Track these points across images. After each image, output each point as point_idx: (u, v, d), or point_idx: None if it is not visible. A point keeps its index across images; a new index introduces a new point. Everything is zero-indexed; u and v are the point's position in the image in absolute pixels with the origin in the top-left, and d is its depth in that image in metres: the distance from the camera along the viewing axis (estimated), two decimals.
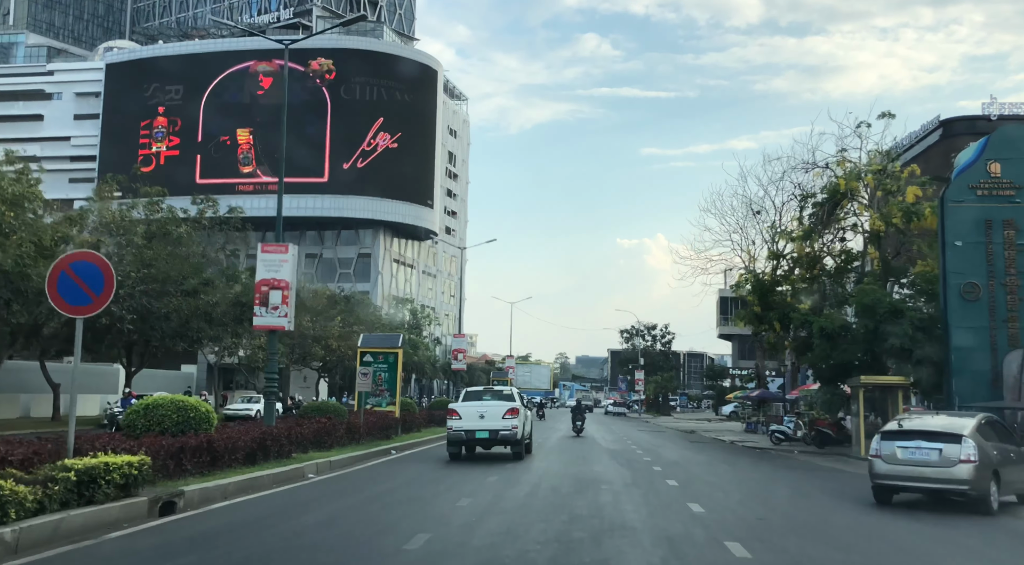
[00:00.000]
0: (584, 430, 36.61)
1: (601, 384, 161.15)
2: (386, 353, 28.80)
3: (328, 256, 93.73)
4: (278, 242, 21.14)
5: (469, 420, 20.28)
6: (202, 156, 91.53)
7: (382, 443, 24.36)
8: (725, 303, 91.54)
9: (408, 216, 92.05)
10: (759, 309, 30.63)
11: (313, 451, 20.07)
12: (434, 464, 20.63)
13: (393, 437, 26.62)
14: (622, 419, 67.14)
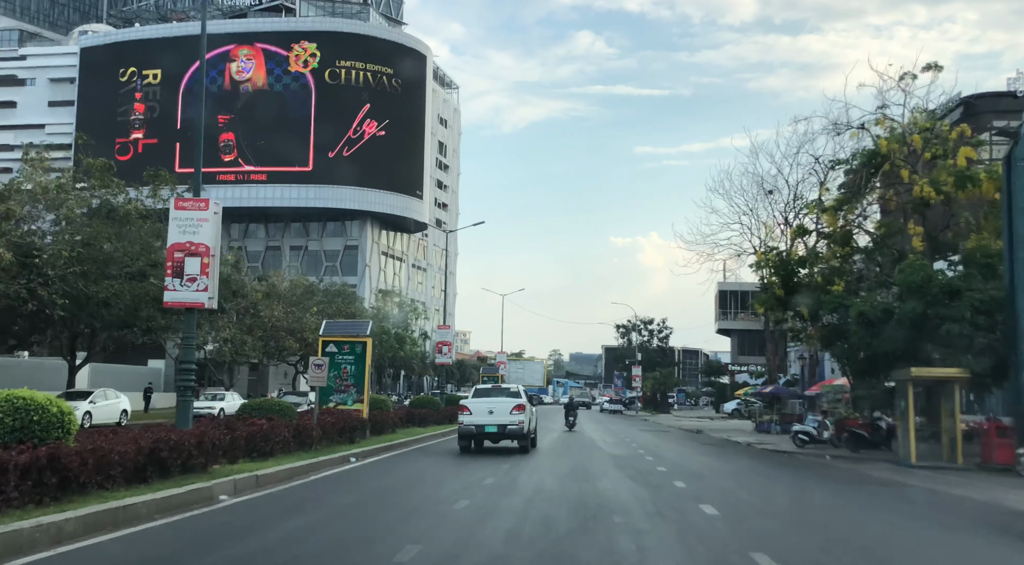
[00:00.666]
0: (577, 426, 37.19)
1: (595, 381, 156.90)
2: (352, 342, 24.45)
3: (313, 248, 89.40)
4: (196, 196, 16.70)
5: (479, 416, 21.38)
6: (181, 144, 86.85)
7: (342, 448, 20.07)
8: (724, 297, 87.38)
9: (396, 207, 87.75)
10: (781, 292, 26.33)
11: (246, 462, 15.80)
12: (396, 476, 16.41)
13: (358, 441, 22.32)
14: (619, 417, 62.91)
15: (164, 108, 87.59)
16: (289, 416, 18.76)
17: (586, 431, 37.94)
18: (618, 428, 42.25)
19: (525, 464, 19.16)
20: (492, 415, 21.30)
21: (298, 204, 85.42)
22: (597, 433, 35.80)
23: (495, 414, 21.29)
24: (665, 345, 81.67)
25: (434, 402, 36.48)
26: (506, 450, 22.18)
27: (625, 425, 47.10)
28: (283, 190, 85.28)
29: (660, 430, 40.93)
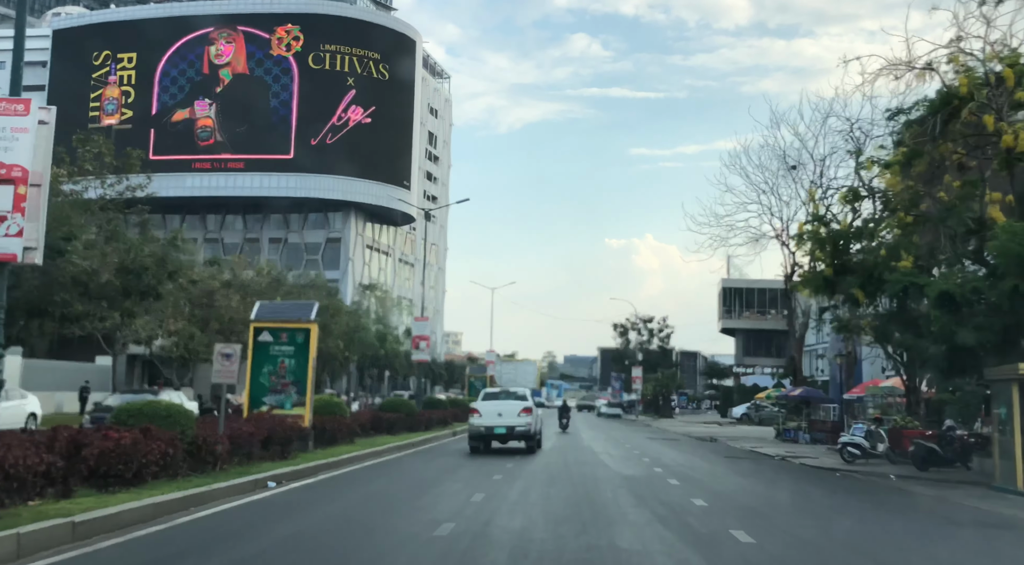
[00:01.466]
0: (573, 430, 36.93)
1: (591, 383, 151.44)
2: (292, 330, 19.03)
3: (294, 241, 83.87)
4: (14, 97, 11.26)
5: (489, 418, 21.91)
6: (156, 131, 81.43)
7: (264, 468, 14.71)
8: (729, 294, 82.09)
9: (383, 198, 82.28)
10: (830, 271, 20.92)
11: (89, 495, 10.51)
12: (320, 514, 10.99)
13: (294, 456, 16.95)
14: (619, 422, 57.54)
15: (139, 93, 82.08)
16: (181, 426, 13.34)
17: (585, 439, 32.60)
18: (621, 435, 36.90)
19: (506, 492, 13.77)
20: (501, 417, 21.94)
21: (278, 194, 79.94)
22: (599, 442, 30.42)
23: (504, 416, 21.96)
24: (666, 345, 76.29)
25: (407, 405, 31.12)
26: (484, 470, 16.92)
27: (628, 431, 41.75)
28: (262, 179, 79.82)
29: (669, 438, 35.57)
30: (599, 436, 35.34)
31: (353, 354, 58.36)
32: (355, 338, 57.20)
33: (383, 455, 20.85)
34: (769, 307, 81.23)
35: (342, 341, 50.31)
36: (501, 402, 23.05)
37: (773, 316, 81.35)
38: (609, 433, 38.46)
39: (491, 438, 22.33)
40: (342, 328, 51.74)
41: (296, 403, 18.86)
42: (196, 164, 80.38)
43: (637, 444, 29.67)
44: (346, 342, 57.56)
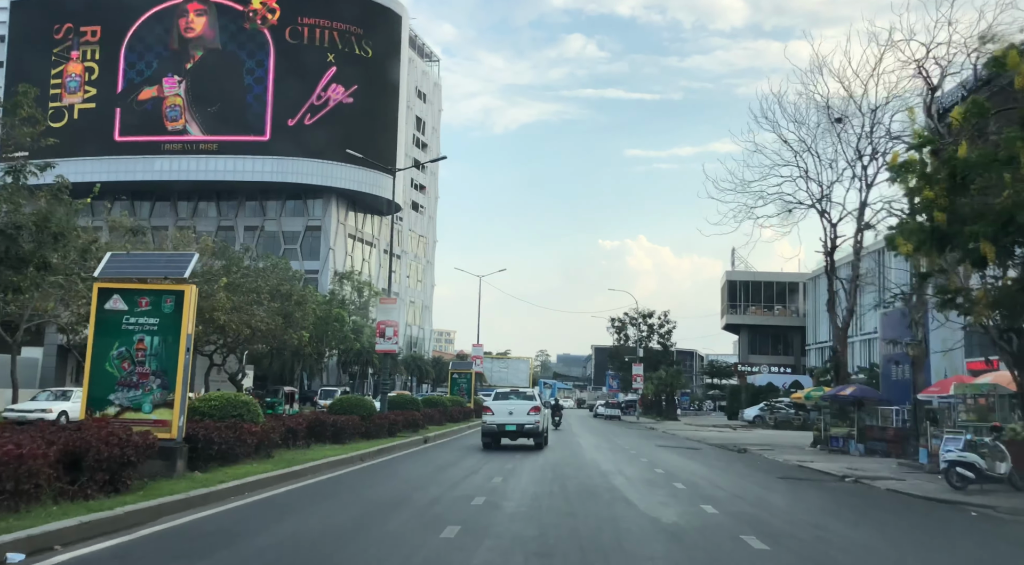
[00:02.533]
0: (570, 432, 35.49)
1: (585, 383, 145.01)
2: (156, 293, 12.45)
3: (271, 229, 77.14)
4: None
5: (500, 416, 23.38)
6: (122, 110, 74.70)
7: (52, 516, 8.21)
8: (734, 288, 75.58)
9: (365, 183, 75.68)
10: (943, 218, 14.35)
11: None
12: None
13: (136, 488, 10.42)
14: (619, 425, 51.00)
15: (104, 70, 75.30)
16: None
17: (586, 448, 26.03)
18: (627, 443, 30.31)
19: (468, 544, 7.23)
20: (512, 415, 23.02)
21: (253, 178, 73.27)
22: (604, 454, 23.82)
23: (514, 415, 23.05)
24: (667, 342, 69.69)
25: (363, 404, 24.58)
26: (433, 520, 10.28)
27: (634, 437, 35.13)
28: (236, 162, 73.16)
29: (686, 446, 29.01)
30: (602, 444, 28.76)
31: (326, 348, 51.78)
32: (328, 330, 50.62)
33: (301, 478, 14.21)
34: (776, 302, 74.82)
35: (308, 333, 43.72)
36: (512, 401, 23.99)
37: (781, 311, 74.96)
38: (613, 440, 31.92)
39: (502, 434, 23.36)
40: (311, 318, 45.22)
41: (159, 403, 12.26)
42: (166, 146, 73.69)
43: (653, 457, 23.11)
44: (318, 334, 51.04)
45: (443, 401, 36.54)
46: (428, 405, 35.85)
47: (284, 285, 38.70)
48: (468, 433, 32.78)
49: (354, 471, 16.54)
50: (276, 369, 61.43)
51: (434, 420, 33.09)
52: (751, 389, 61.05)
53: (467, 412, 41.37)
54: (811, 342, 70.21)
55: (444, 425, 33.75)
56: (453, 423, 36.09)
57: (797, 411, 49.08)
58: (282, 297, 38.09)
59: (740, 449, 27.46)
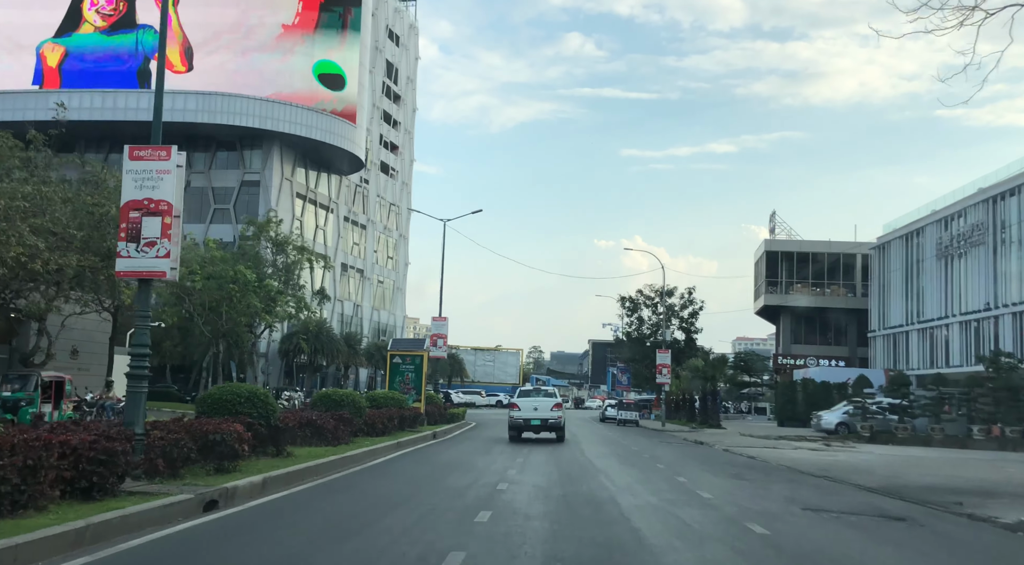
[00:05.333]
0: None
1: (581, 381, 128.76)
2: None
3: (198, 185, 60.31)
4: None
5: (526, 411, 24.76)
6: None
7: None
8: (774, 262, 59.22)
9: (319, 130, 59.30)
10: None
11: None
12: None
13: None
14: (640, 434, 34.68)
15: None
16: None
17: (638, 524, 9.39)
18: (726, 495, 13.49)
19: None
20: (536, 411, 24.73)
21: (172, 118, 56.59)
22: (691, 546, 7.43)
23: (539, 411, 24.74)
24: (691, 329, 53.48)
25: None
26: None
27: (715, 473, 18.02)
28: (152, 98, 56.57)
29: (847, 510, 12.38)
30: (659, 501, 12.16)
31: (219, 319, 35.47)
32: (231, 297, 34.37)
33: None
34: (828, 278, 58.58)
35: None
36: (536, 399, 25.66)
37: (834, 290, 58.72)
38: (681, 484, 15.20)
39: (527, 428, 24.64)
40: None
41: None
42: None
43: None
44: (211, 302, 34.84)
45: (355, 401, 20.12)
46: (330, 406, 19.72)
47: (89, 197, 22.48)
48: (396, 457, 16.73)
49: None
50: (181, 353, 45.25)
51: (322, 436, 16.96)
52: (809, 387, 44.81)
53: (411, 417, 25.15)
54: (875, 328, 54.00)
55: (345, 447, 17.60)
56: (375, 439, 19.99)
57: (902, 417, 32.96)
58: (89, 219, 21.89)
59: (972, 516, 11.08)
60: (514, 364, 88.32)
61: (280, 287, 36.80)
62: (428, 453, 18.97)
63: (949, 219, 46.00)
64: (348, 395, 20.06)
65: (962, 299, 44.34)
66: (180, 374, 52.28)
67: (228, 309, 34.68)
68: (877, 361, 53.17)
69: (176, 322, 40.36)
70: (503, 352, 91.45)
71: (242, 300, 34.48)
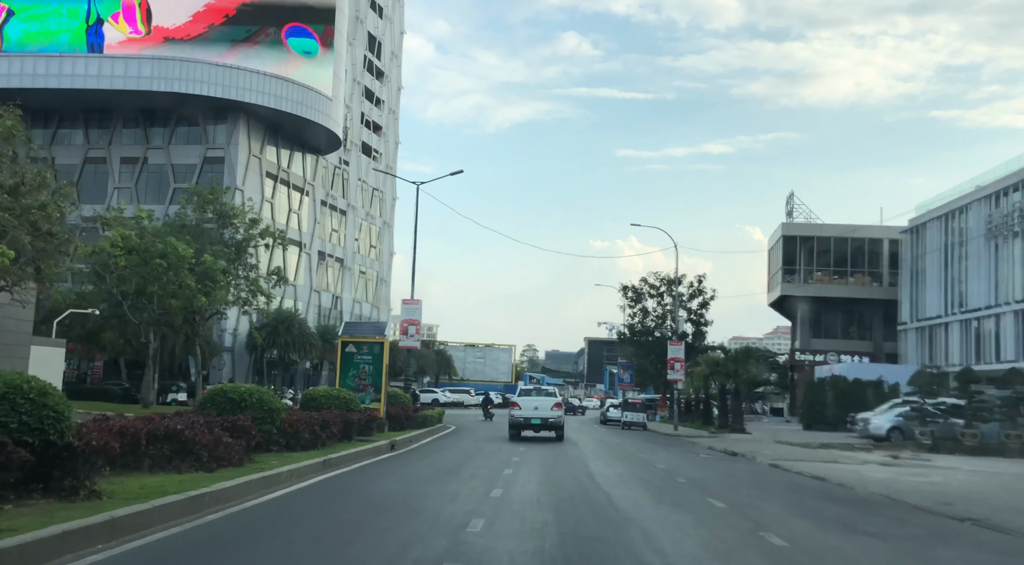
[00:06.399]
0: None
1: (577, 380, 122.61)
2: None
3: (157, 162, 54.14)
4: None
5: (527, 410, 24.74)
6: None
7: None
8: (791, 247, 53.07)
9: (290, 101, 53.05)
10: None
11: None
12: None
13: None
14: (651, 439, 28.52)
15: None
16: None
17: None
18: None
19: None
20: (537, 410, 24.66)
21: (125, 86, 50.39)
22: None
23: (539, 410, 24.67)
24: (701, 322, 47.37)
25: None
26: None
27: (799, 516, 11.78)
28: (105, 64, 50.41)
29: None
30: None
31: (149, 301, 29.19)
32: (162, 277, 28.09)
33: None
34: (852, 265, 52.39)
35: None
36: (537, 398, 25.54)
37: (858, 279, 52.58)
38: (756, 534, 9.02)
39: (527, 427, 24.67)
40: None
41: None
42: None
43: None
44: (139, 281, 28.67)
45: (264, 402, 13.79)
46: (225, 408, 13.50)
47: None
48: (304, 488, 10.43)
49: None
50: (122, 346, 38.88)
51: (195, 456, 10.73)
52: (840, 385, 38.65)
53: (363, 422, 18.91)
54: (907, 321, 47.86)
55: (230, 472, 11.32)
56: (292, 456, 13.84)
57: (969, 421, 26.80)
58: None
59: None
60: (506, 361, 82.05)
61: (225, 266, 30.45)
62: (362, 478, 12.75)
63: (1001, 193, 39.84)
64: (254, 393, 13.81)
65: (1016, 285, 38.20)
66: (138, 370, 45.93)
67: (158, 291, 28.39)
68: (908, 356, 47.04)
69: (107, 307, 34.17)
70: (495, 348, 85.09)
71: (174, 280, 28.20)
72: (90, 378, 49.18)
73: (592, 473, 14.36)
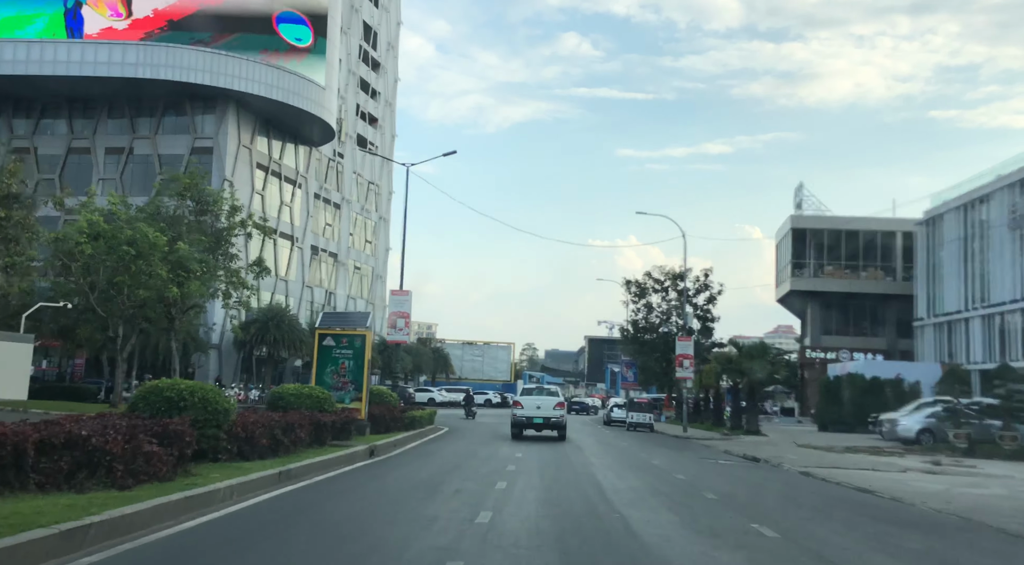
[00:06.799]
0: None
1: (577, 379, 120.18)
2: None
3: (143, 152, 51.78)
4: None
5: (529, 410, 24.60)
6: None
7: None
8: (801, 240, 50.71)
9: (282, 90, 50.73)
10: None
11: None
12: None
13: None
14: (661, 443, 26.13)
15: None
16: None
17: None
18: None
19: None
20: (539, 409, 24.50)
21: (109, 73, 48.05)
22: None
23: (542, 409, 24.51)
24: (708, 316, 45.02)
25: None
26: None
27: (878, 549, 9.37)
28: (88, 50, 48.08)
29: None
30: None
31: (139, 298, 26.82)
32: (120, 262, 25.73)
33: None
34: (864, 259, 49.97)
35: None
36: (539, 397, 25.37)
37: (871, 273, 50.18)
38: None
39: (529, 426, 24.44)
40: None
41: None
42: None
43: None
44: (109, 274, 26.37)
45: (208, 401, 11.38)
46: (160, 409, 11.10)
47: None
48: (227, 516, 7.88)
49: None
50: (100, 342, 36.51)
51: (109, 471, 8.29)
52: (857, 384, 36.26)
53: (339, 425, 16.56)
54: (924, 316, 45.44)
55: (145, 491, 8.87)
56: (240, 468, 11.44)
57: (1008, 422, 24.41)
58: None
59: None
60: (505, 359, 79.58)
61: (201, 255, 28.04)
62: (320, 495, 10.39)
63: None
64: (196, 391, 11.45)
65: None
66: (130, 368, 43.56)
67: (127, 281, 26.02)
68: (925, 354, 44.66)
69: (82, 301, 31.75)
70: (493, 346, 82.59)
71: (145, 269, 25.82)
72: (71, 376, 46.84)
73: (602, 487, 11.99)
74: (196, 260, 26.99)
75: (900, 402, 33.07)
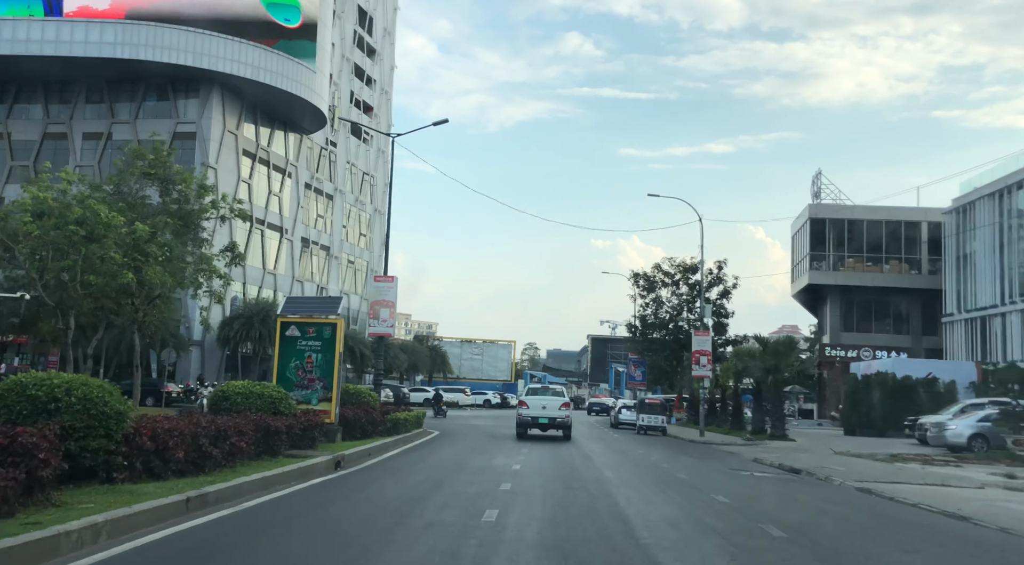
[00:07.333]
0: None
1: (580, 379, 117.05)
2: None
3: (122, 137, 48.48)
4: None
5: (535, 410, 24.40)
6: None
7: None
8: (820, 231, 47.52)
9: (269, 72, 47.69)
10: None
11: None
12: None
13: None
14: (680, 450, 22.99)
15: None
16: None
17: None
18: None
19: None
20: (545, 409, 24.33)
21: (87, 52, 45.01)
22: None
23: (547, 409, 24.34)
24: (722, 311, 41.83)
25: None
26: None
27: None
28: (64, 29, 45.05)
29: None
30: None
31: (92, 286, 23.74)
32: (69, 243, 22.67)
33: None
34: (888, 251, 46.80)
35: None
36: (544, 397, 25.29)
37: (894, 266, 47.04)
38: None
39: (535, 426, 24.18)
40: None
41: None
42: None
43: None
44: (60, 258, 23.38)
45: (100, 408, 8.26)
46: (20, 414, 7.86)
47: None
48: None
49: None
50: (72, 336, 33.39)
51: None
52: (888, 383, 33.10)
53: (299, 430, 13.45)
54: (954, 311, 42.29)
55: None
56: (137, 492, 8.28)
57: None
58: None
59: None
60: (505, 359, 76.42)
61: (164, 239, 24.95)
62: (236, 533, 7.38)
63: None
64: (74, 389, 8.39)
65: None
66: (98, 366, 40.49)
67: (79, 265, 22.92)
68: (955, 352, 41.52)
69: (30, 289, 28.63)
70: (493, 344, 79.38)
71: (97, 252, 22.74)
72: None
73: (628, 518, 8.87)
74: (156, 243, 23.89)
75: (936, 404, 29.98)
